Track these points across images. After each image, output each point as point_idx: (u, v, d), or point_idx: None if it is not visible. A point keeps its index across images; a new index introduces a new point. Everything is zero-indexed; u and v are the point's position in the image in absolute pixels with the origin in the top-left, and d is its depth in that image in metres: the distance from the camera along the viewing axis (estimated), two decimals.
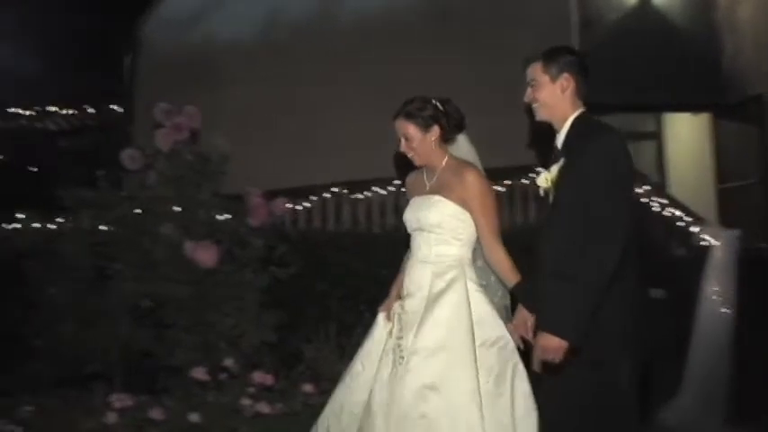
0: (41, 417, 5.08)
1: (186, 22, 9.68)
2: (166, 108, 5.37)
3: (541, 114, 3.37)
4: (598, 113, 3.39)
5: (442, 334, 3.47)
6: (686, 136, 11.11)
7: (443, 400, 3.36)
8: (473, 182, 3.59)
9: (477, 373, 3.40)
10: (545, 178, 3.36)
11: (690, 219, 7.75)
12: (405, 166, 3.94)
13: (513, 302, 3.69)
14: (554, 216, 3.28)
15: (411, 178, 3.87)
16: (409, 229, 3.73)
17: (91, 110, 11.90)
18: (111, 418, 4.79)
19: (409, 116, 3.66)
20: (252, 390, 4.95)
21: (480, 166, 3.71)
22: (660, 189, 8.72)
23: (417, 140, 3.66)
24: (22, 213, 8.14)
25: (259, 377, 4.99)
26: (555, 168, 3.30)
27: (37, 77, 11.40)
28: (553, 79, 3.30)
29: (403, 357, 3.47)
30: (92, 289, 5.78)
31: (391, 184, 8.09)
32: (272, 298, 5.47)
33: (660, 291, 6.66)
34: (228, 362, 4.97)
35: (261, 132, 8.63)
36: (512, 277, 3.59)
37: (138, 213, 5.42)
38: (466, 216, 3.62)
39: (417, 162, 3.73)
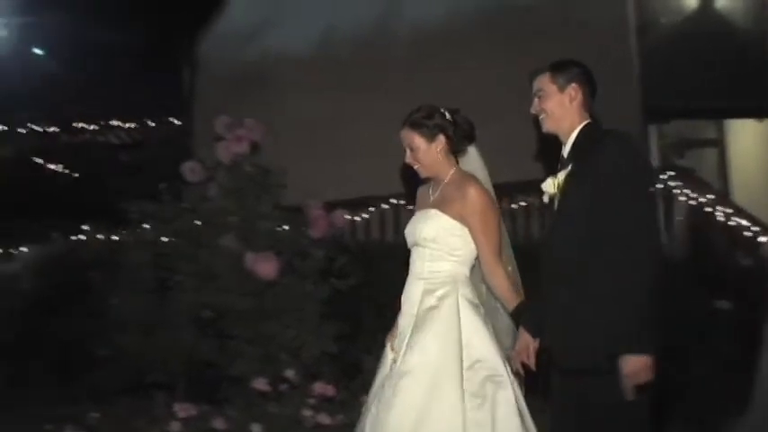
0: (107, 424, 5.18)
1: (243, 37, 9.80)
2: (227, 121, 5.43)
3: (548, 126, 3.27)
4: (656, 119, 3.32)
5: (430, 355, 3.31)
6: (750, 142, 10.84)
7: (428, 425, 3.22)
8: (474, 197, 3.41)
9: (464, 396, 3.23)
10: (551, 183, 3.25)
11: (757, 228, 7.53)
12: None
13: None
14: (562, 224, 3.17)
15: (419, 192, 3.71)
16: (408, 245, 3.57)
17: (151, 123, 12.17)
18: (175, 427, 4.85)
19: (414, 125, 3.49)
20: (312, 401, 4.95)
21: (489, 182, 3.55)
22: (724, 198, 8.52)
23: (422, 151, 3.49)
24: (86, 225, 8.36)
25: (320, 388, 4.99)
26: (562, 174, 3.21)
27: (99, 93, 11.72)
28: (561, 89, 3.23)
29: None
30: (154, 299, 5.88)
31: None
32: (332, 309, 5.47)
33: (726, 302, 6.51)
34: (289, 373, 4.99)
35: (319, 144, 8.69)
36: (511, 300, 3.43)
37: (199, 225, 5.48)
38: (464, 232, 3.45)
39: (423, 174, 3.56)
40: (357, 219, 8.16)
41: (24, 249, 8.10)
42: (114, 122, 12.52)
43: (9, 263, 7.66)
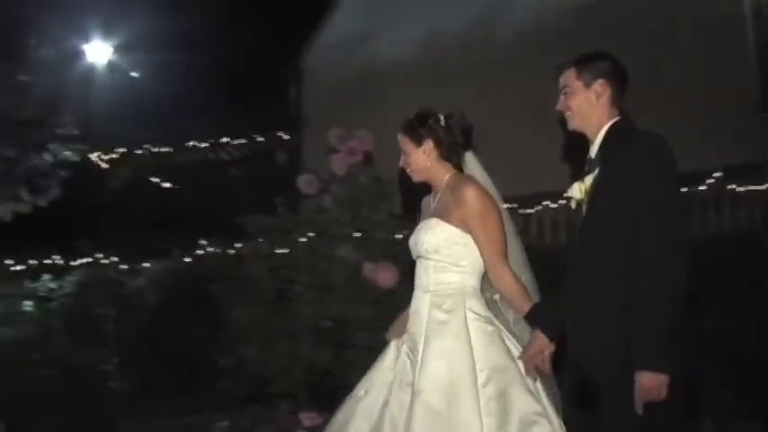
0: None
1: (348, 47, 9.92)
2: (340, 133, 5.49)
3: (574, 123, 3.09)
4: None
5: (443, 372, 3.17)
6: None
7: None
8: (471, 199, 3.26)
9: (480, 411, 3.09)
10: (578, 189, 3.04)
11: None
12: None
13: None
14: (591, 230, 2.97)
15: (423, 202, 3.60)
16: (413, 256, 3.46)
17: (260, 139, 12.47)
18: None
19: (405, 130, 3.43)
20: None
21: (493, 188, 3.39)
22: None
23: (411, 155, 3.40)
24: (204, 240, 8.64)
25: None
26: (589, 179, 3.01)
27: (209, 112, 12.09)
28: (587, 86, 3.04)
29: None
30: (273, 311, 5.99)
31: (562, 198, 7.91)
32: None
33: None
34: None
35: None
36: (523, 304, 3.24)
37: (316, 236, 5.56)
38: (467, 240, 3.30)
39: (414, 178, 3.48)
40: None
41: (148, 265, 8.43)
42: (224, 139, 12.90)
43: (135, 278, 7.97)
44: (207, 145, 13.07)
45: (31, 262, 10.39)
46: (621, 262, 2.82)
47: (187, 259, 8.61)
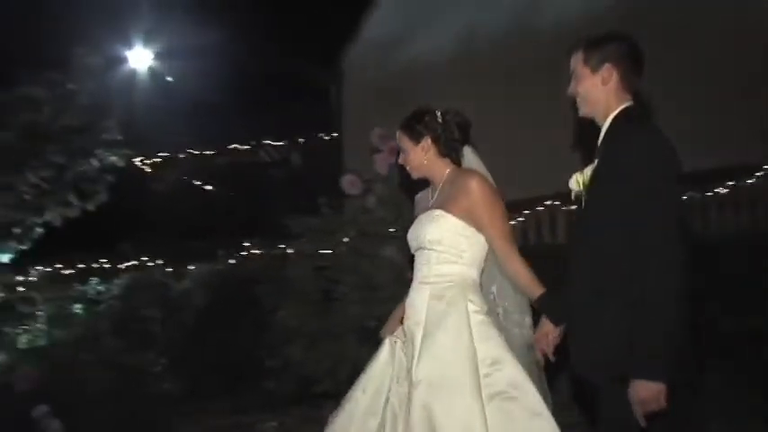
0: None
1: (387, 47, 9.92)
2: (382, 133, 5.50)
3: (583, 109, 2.99)
4: None
5: (444, 363, 3.15)
6: None
7: None
8: (476, 188, 3.27)
9: (482, 403, 3.07)
10: (576, 181, 2.96)
11: None
12: None
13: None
14: (587, 225, 2.88)
15: (418, 198, 3.62)
16: (412, 249, 3.46)
17: (301, 140, 12.57)
18: None
19: (402, 127, 3.46)
20: None
21: (491, 179, 3.40)
22: None
23: (409, 152, 3.43)
24: (247, 242, 8.71)
25: None
26: (588, 170, 2.92)
27: (250, 114, 12.20)
28: (593, 70, 2.93)
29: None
30: (318, 311, 6.03)
31: None
32: None
33: None
34: None
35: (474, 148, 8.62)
36: (534, 289, 3.23)
37: (360, 236, 5.58)
38: (470, 232, 3.30)
39: (413, 175, 3.50)
40: (513, 222, 8.03)
41: (192, 267, 8.54)
42: (265, 141, 13.02)
43: (180, 280, 8.07)
44: (248, 147, 13.20)
45: (79, 266, 10.60)
46: (617, 261, 2.72)
47: (231, 261, 8.70)
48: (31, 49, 9.11)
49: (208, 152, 13.76)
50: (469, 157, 3.50)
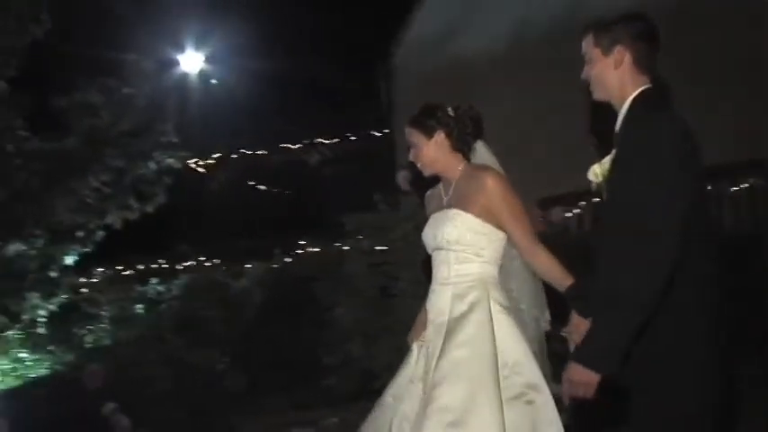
0: (343, 429, 5.38)
1: (437, 42, 9.89)
2: None
3: (597, 94, 2.80)
4: None
5: (464, 363, 3.04)
6: None
7: None
8: (494, 185, 3.14)
9: (502, 403, 2.97)
10: (594, 172, 2.77)
11: None
12: None
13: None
14: (606, 217, 2.69)
15: (429, 195, 3.45)
16: (429, 250, 3.29)
17: (352, 138, 12.60)
18: None
19: (412, 123, 3.29)
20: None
21: (503, 174, 3.25)
22: None
23: (421, 148, 3.26)
24: (303, 240, 8.79)
25: (555, 389, 4.90)
26: (608, 160, 2.71)
27: (302, 113, 12.29)
28: (605, 52, 2.75)
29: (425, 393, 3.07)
30: (376, 307, 6.05)
31: None
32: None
33: None
34: None
35: (524, 141, 8.57)
36: (564, 280, 3.06)
37: (417, 232, 5.57)
38: (488, 229, 3.17)
39: (425, 172, 3.31)
40: (569, 214, 7.95)
41: (249, 266, 8.65)
42: (318, 140, 13.09)
43: (238, 279, 8.18)
44: (301, 146, 13.30)
45: (138, 267, 10.82)
46: (609, 254, 2.52)
47: (288, 259, 8.78)
48: (87, 55, 9.33)
49: (261, 152, 13.89)
50: (481, 151, 3.36)
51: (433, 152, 3.27)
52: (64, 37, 7.50)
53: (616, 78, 2.75)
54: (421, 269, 3.56)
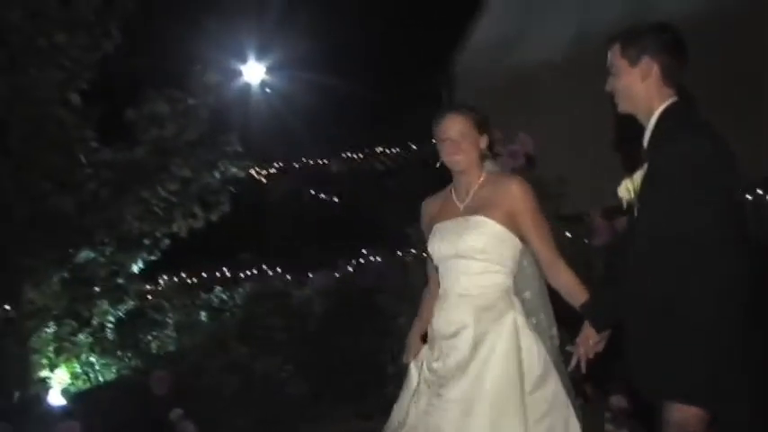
0: None
1: (498, 50, 9.85)
2: (500, 136, 5.44)
3: (623, 106, 2.79)
4: None
5: (492, 382, 2.98)
6: None
7: None
8: (523, 192, 3.11)
9: (527, 423, 2.93)
10: (626, 188, 2.74)
11: None
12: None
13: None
14: (638, 237, 2.65)
15: (430, 202, 3.35)
16: (440, 259, 3.18)
17: (414, 147, 12.62)
18: None
19: (467, 111, 3.23)
20: (608, 414, 4.81)
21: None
22: None
23: (470, 141, 3.17)
24: (366, 249, 8.81)
25: (616, 400, 4.82)
26: (638, 175, 2.68)
27: (364, 123, 12.36)
28: (632, 64, 2.72)
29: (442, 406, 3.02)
30: None
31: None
32: None
33: None
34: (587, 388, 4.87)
35: (590, 149, 8.46)
36: (581, 296, 3.02)
37: None
38: (509, 237, 3.11)
39: (459, 167, 3.19)
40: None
41: (312, 275, 8.71)
42: (379, 149, 13.14)
43: (301, 288, 8.25)
44: (362, 155, 13.37)
45: (203, 274, 11.01)
46: (665, 274, 2.53)
47: (351, 269, 8.82)
48: (155, 68, 9.55)
49: (322, 161, 14.02)
50: (489, 167, 3.33)
51: (476, 151, 3.23)
52: (132, 50, 7.68)
53: (643, 90, 2.73)
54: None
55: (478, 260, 3.11)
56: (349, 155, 13.62)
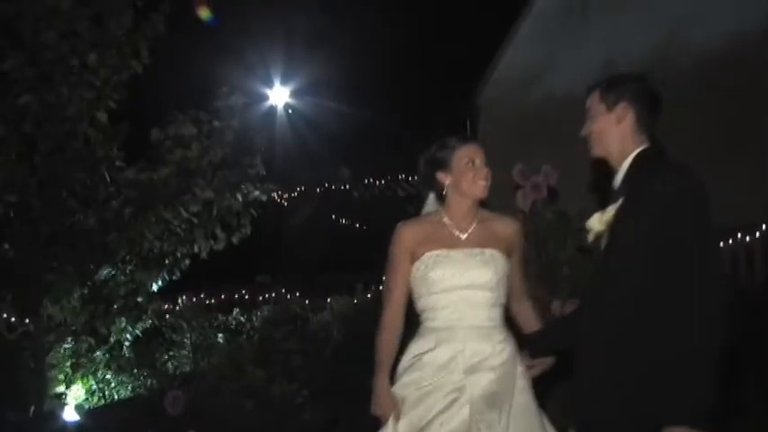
0: None
1: (523, 81, 9.88)
2: (523, 169, 5.45)
3: (596, 150, 2.87)
4: None
5: (531, 408, 3.09)
6: None
7: None
8: (520, 230, 3.30)
9: None
10: (598, 220, 2.82)
11: None
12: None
13: None
14: (610, 268, 2.73)
15: (413, 227, 3.29)
16: (446, 289, 3.12)
17: None
18: None
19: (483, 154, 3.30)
20: None
21: None
22: None
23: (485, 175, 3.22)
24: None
25: None
26: (612, 209, 2.76)
27: (386, 149, 12.40)
28: (609, 109, 2.81)
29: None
30: None
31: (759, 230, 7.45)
32: None
33: None
34: None
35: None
36: (536, 325, 3.29)
37: None
38: (508, 272, 3.22)
39: (485, 195, 3.24)
40: None
41: (330, 300, 8.69)
42: (401, 176, 13.17)
43: (319, 313, 8.24)
44: (384, 182, 13.39)
45: (221, 296, 11.02)
46: (642, 311, 2.60)
47: (369, 294, 8.79)
48: (181, 89, 9.65)
49: (344, 187, 14.07)
50: (430, 201, 3.39)
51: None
52: (161, 69, 7.76)
53: (617, 135, 2.82)
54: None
55: (491, 293, 3.14)
56: (371, 180, 13.65)
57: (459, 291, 3.12)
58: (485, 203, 3.33)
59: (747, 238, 7.54)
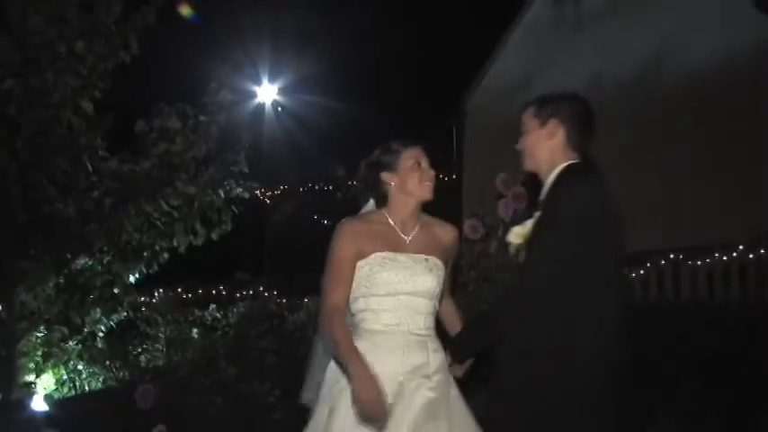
0: None
1: (510, 91, 9.90)
2: (506, 178, 5.45)
3: (527, 164, 3.00)
4: None
5: (467, 412, 3.07)
6: None
7: None
8: (458, 238, 3.36)
9: None
10: (515, 233, 2.94)
11: None
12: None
13: None
14: (526, 279, 2.85)
15: (358, 225, 3.21)
16: (391, 292, 3.04)
17: None
18: None
19: (425, 152, 3.37)
20: None
21: None
22: None
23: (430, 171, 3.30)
24: None
25: None
26: (529, 223, 2.87)
27: (372, 149, 12.38)
28: (541, 125, 2.93)
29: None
30: None
31: (736, 250, 7.49)
32: None
33: None
34: None
35: None
36: (458, 325, 3.30)
37: (481, 282, 5.53)
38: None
39: (431, 197, 3.24)
40: (633, 275, 7.77)
41: (307, 300, 8.64)
42: None
43: (295, 312, 8.19)
44: None
45: (198, 291, 10.95)
46: (553, 315, 2.69)
47: None
48: (169, 82, 9.60)
49: (327, 187, 14.04)
50: (370, 206, 3.39)
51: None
52: (148, 62, 7.72)
53: (547, 150, 2.92)
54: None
55: (430, 300, 3.12)
56: (356, 183, 13.63)
57: (402, 296, 3.06)
58: (426, 208, 3.29)
59: (725, 258, 7.60)
